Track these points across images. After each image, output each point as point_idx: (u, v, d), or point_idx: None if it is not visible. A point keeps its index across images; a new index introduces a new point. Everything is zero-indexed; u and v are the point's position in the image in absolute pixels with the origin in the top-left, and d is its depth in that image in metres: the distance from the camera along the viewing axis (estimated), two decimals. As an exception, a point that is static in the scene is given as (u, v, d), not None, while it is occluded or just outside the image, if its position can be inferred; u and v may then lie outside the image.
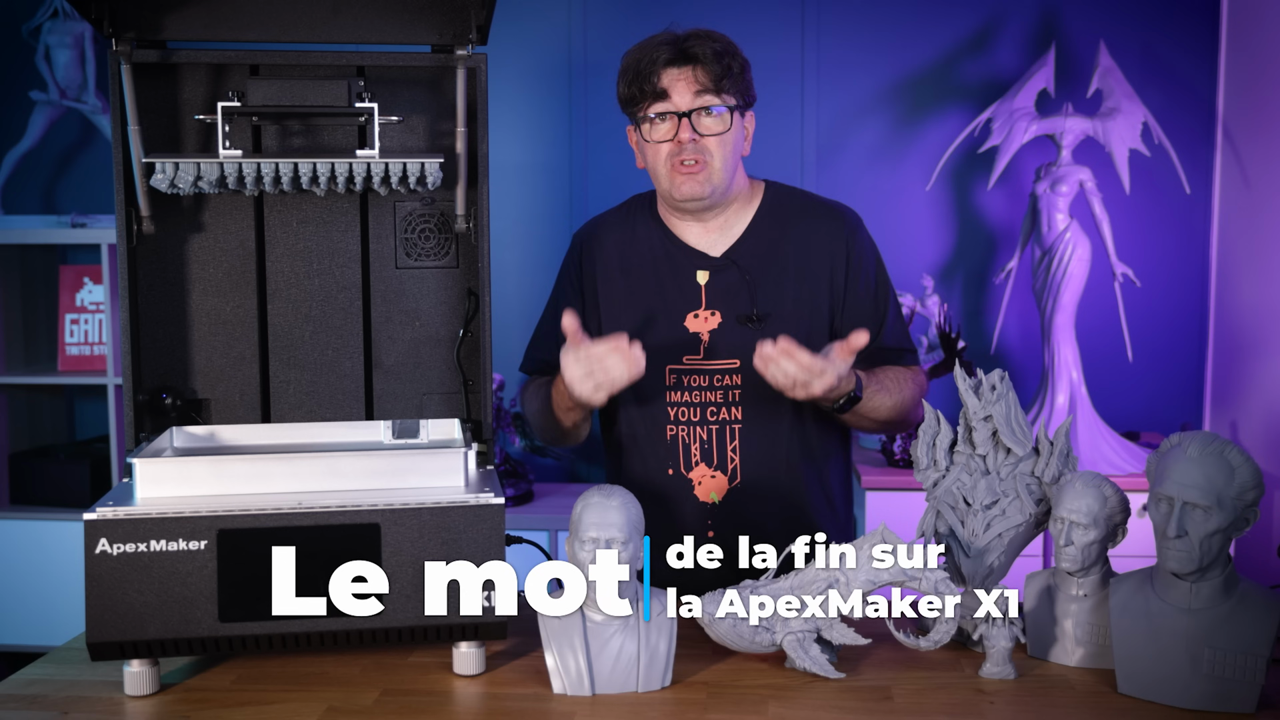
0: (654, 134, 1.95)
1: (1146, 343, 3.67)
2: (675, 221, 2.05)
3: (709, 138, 1.93)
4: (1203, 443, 1.52)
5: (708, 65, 1.92)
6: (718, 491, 1.99)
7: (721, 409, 1.98)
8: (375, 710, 1.54)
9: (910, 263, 3.69)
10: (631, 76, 1.95)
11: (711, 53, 1.92)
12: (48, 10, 3.79)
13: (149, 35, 1.79)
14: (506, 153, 3.79)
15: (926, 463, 1.78)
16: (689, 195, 1.95)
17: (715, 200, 1.98)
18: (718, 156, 1.94)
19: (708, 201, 1.97)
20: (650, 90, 1.93)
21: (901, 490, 3.30)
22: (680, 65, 1.93)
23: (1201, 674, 1.51)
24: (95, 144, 3.98)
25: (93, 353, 3.86)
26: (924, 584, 1.59)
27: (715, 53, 1.92)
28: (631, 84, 1.95)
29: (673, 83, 1.92)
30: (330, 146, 1.90)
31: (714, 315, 1.99)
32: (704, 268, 2.01)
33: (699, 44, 1.93)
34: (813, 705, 1.55)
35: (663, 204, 2.07)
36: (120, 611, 1.53)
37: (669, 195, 1.99)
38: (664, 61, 1.92)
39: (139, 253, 1.86)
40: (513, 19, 3.67)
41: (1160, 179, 3.58)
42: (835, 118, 3.77)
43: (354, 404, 1.94)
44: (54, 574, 3.64)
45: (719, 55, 1.93)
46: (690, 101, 1.92)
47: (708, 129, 1.94)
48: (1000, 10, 3.68)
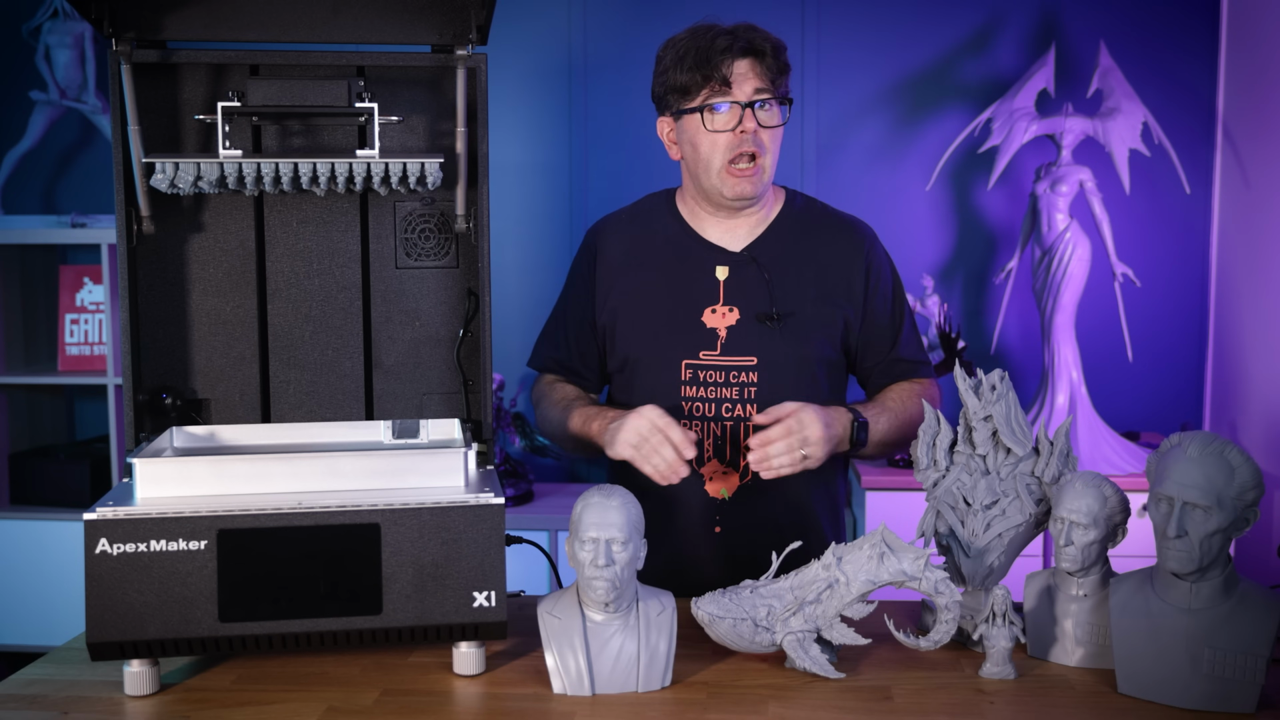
0: (714, 123, 1.94)
1: (1146, 343, 3.67)
2: (698, 217, 2.05)
3: (766, 130, 1.94)
4: (1203, 443, 1.52)
5: (770, 60, 1.93)
6: (728, 488, 1.99)
7: (737, 405, 1.98)
8: (375, 710, 1.54)
9: (910, 263, 3.69)
10: (693, 63, 1.93)
11: (772, 47, 1.94)
12: (48, 10, 3.79)
13: (149, 35, 1.79)
14: (506, 153, 3.79)
15: (926, 463, 1.78)
16: (741, 194, 1.96)
17: (761, 198, 2.00)
18: (770, 152, 1.96)
19: (755, 200, 1.99)
20: (716, 78, 1.92)
21: (901, 490, 3.30)
22: (746, 57, 1.93)
23: (1201, 674, 1.51)
24: (95, 144, 3.98)
25: (93, 353, 3.86)
26: (924, 584, 1.59)
27: (775, 48, 1.94)
28: (692, 70, 1.93)
29: (739, 73, 1.92)
30: (330, 146, 1.90)
31: (732, 311, 1.99)
32: (724, 263, 2.01)
33: (760, 38, 1.94)
34: (813, 705, 1.55)
35: (687, 198, 2.07)
36: (120, 611, 1.53)
37: (716, 191, 1.98)
38: (737, 51, 1.92)
39: (139, 253, 1.86)
40: (513, 19, 3.67)
41: (1160, 179, 3.58)
42: (835, 118, 3.77)
43: (354, 404, 1.94)
44: (54, 574, 3.65)
45: (778, 50, 1.95)
46: (751, 93, 1.93)
47: (766, 122, 1.94)
48: (1000, 10, 3.69)
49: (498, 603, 1.59)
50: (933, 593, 1.59)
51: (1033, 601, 1.71)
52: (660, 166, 2.58)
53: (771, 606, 1.63)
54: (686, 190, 2.07)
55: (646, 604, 1.61)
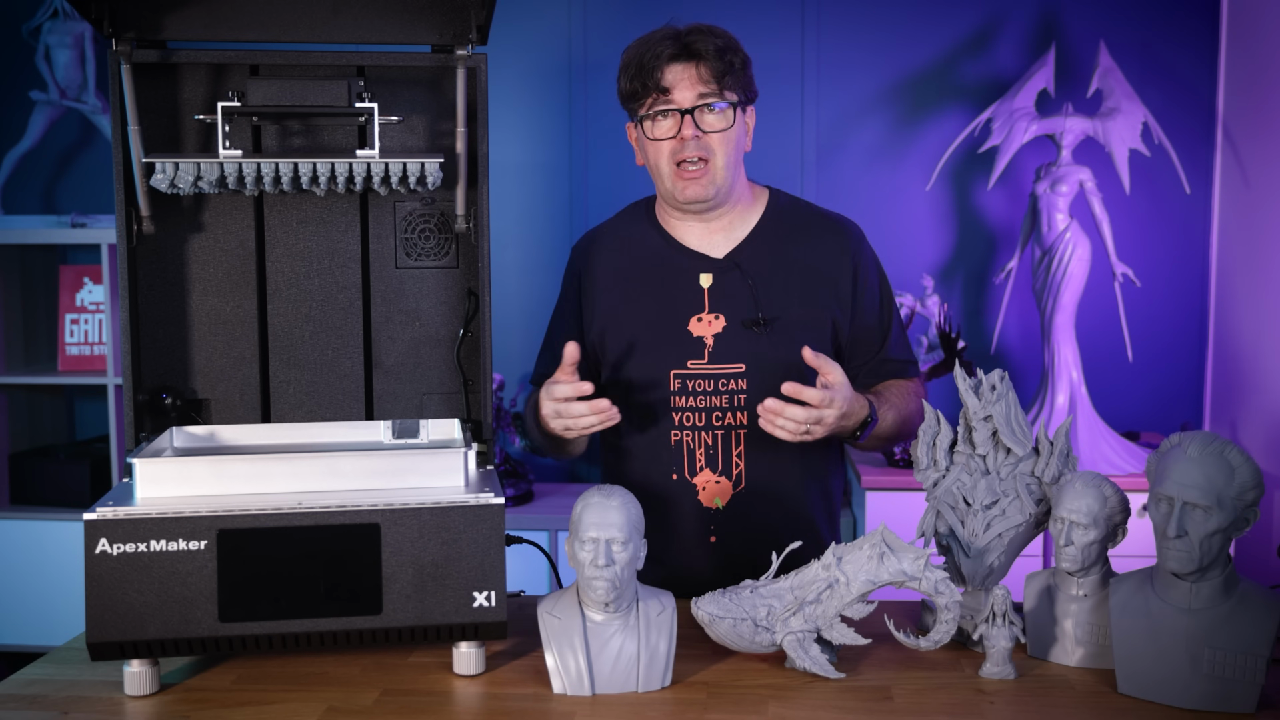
0: (656, 131, 1.94)
1: (1146, 343, 3.67)
2: (676, 224, 2.04)
3: (711, 135, 1.93)
4: (1203, 443, 1.52)
5: (710, 62, 1.91)
6: (721, 497, 1.98)
7: (727, 414, 1.97)
8: (375, 710, 1.54)
9: (910, 263, 3.70)
10: (634, 72, 1.93)
11: (714, 49, 1.91)
12: (48, 10, 3.79)
13: (149, 35, 1.79)
14: (506, 153, 3.79)
15: (926, 463, 1.78)
16: (693, 198, 1.95)
17: (719, 200, 1.98)
18: (720, 154, 1.94)
19: (712, 202, 1.97)
20: (652, 86, 1.92)
21: (901, 490, 3.30)
22: (683, 61, 1.92)
23: (1201, 674, 1.51)
24: (95, 144, 3.98)
25: (93, 353, 3.86)
26: (924, 584, 1.59)
27: (718, 49, 1.91)
28: (633, 79, 1.94)
29: (675, 79, 1.92)
30: (330, 146, 1.90)
31: (718, 319, 1.98)
32: (706, 270, 2.00)
33: (701, 40, 1.92)
34: (813, 705, 1.55)
35: (663, 206, 2.06)
36: (120, 611, 1.53)
37: (671, 196, 1.98)
38: (667, 57, 1.91)
39: (139, 253, 1.86)
40: (513, 19, 3.67)
41: (1160, 179, 3.58)
42: (835, 118, 3.77)
43: (354, 404, 1.94)
44: (54, 574, 3.65)
45: (721, 52, 1.92)
46: (693, 98, 1.92)
47: (710, 126, 1.93)
48: (1000, 10, 3.68)
49: (498, 603, 1.59)
50: (933, 593, 1.59)
51: (1033, 601, 1.71)
52: (660, 166, 2.57)
53: (771, 606, 1.63)
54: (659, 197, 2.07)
55: (646, 604, 1.61)
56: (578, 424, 1.83)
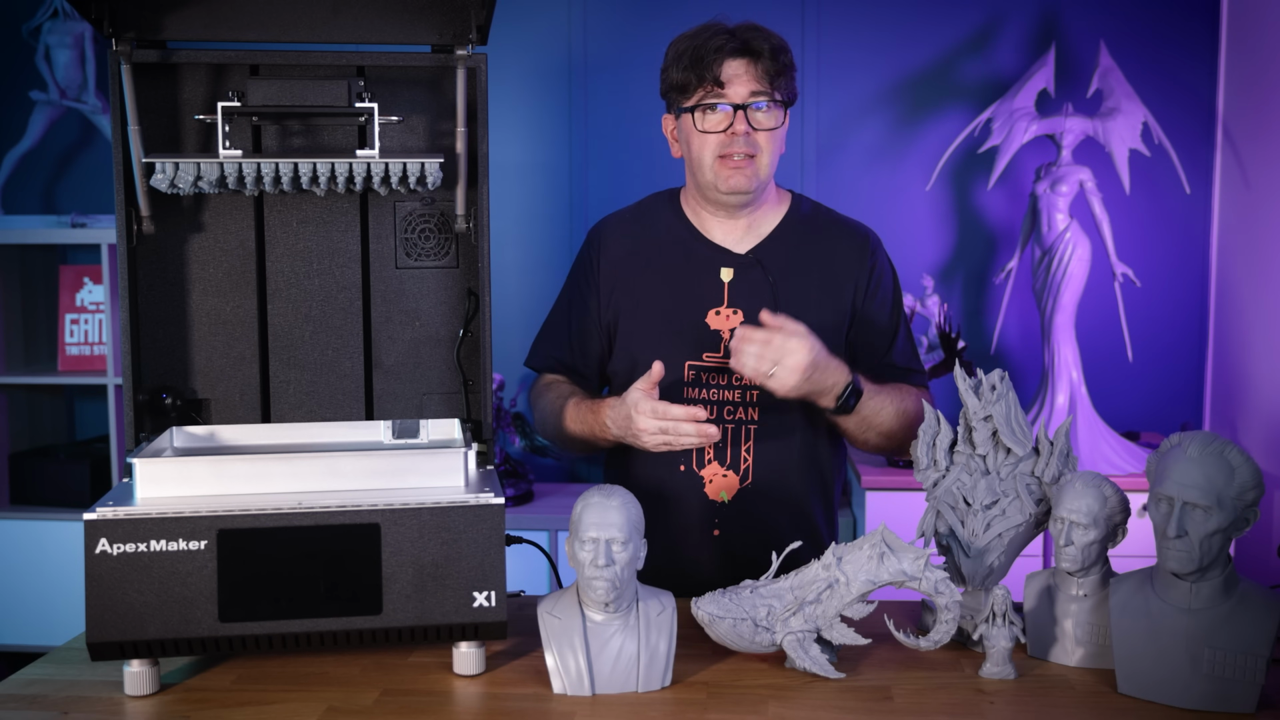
0: (705, 123, 1.95)
1: (1146, 343, 3.67)
2: (701, 217, 2.05)
3: (760, 132, 1.94)
4: (1203, 443, 1.52)
5: (766, 61, 1.93)
6: (728, 491, 1.99)
7: (739, 409, 1.98)
8: (375, 710, 1.54)
9: (910, 263, 3.69)
10: (688, 63, 1.94)
11: (770, 49, 1.93)
12: (48, 10, 3.79)
13: (149, 35, 1.79)
14: (506, 153, 3.79)
15: (926, 463, 1.78)
16: (735, 188, 1.96)
17: (757, 196, 2.00)
18: (766, 152, 1.96)
19: (751, 196, 1.99)
20: (709, 79, 1.92)
21: (901, 490, 3.30)
22: (741, 58, 1.93)
23: (1201, 674, 1.51)
24: (95, 144, 3.98)
25: (93, 353, 3.86)
26: (924, 584, 1.59)
27: (773, 49, 1.93)
28: (687, 70, 1.94)
29: (732, 74, 1.93)
30: (330, 146, 1.90)
31: (736, 314, 1.99)
32: (728, 265, 2.01)
33: (758, 38, 1.93)
34: (813, 705, 1.55)
35: (690, 198, 2.07)
36: (120, 611, 1.53)
37: (712, 187, 1.98)
38: (728, 51, 1.92)
39: (139, 253, 1.86)
40: (513, 19, 3.67)
41: (1160, 179, 3.58)
42: (835, 118, 3.77)
43: (354, 404, 1.94)
44: (54, 574, 3.65)
45: (776, 52, 1.94)
46: (745, 95, 1.93)
47: (760, 124, 1.94)
48: (1000, 10, 3.69)
49: (498, 603, 1.59)
50: (933, 593, 1.59)
51: (1033, 601, 1.71)
52: (661, 166, 2.58)
53: (771, 606, 1.63)
54: (689, 190, 2.07)
55: (646, 604, 1.61)
56: (680, 442, 1.83)
